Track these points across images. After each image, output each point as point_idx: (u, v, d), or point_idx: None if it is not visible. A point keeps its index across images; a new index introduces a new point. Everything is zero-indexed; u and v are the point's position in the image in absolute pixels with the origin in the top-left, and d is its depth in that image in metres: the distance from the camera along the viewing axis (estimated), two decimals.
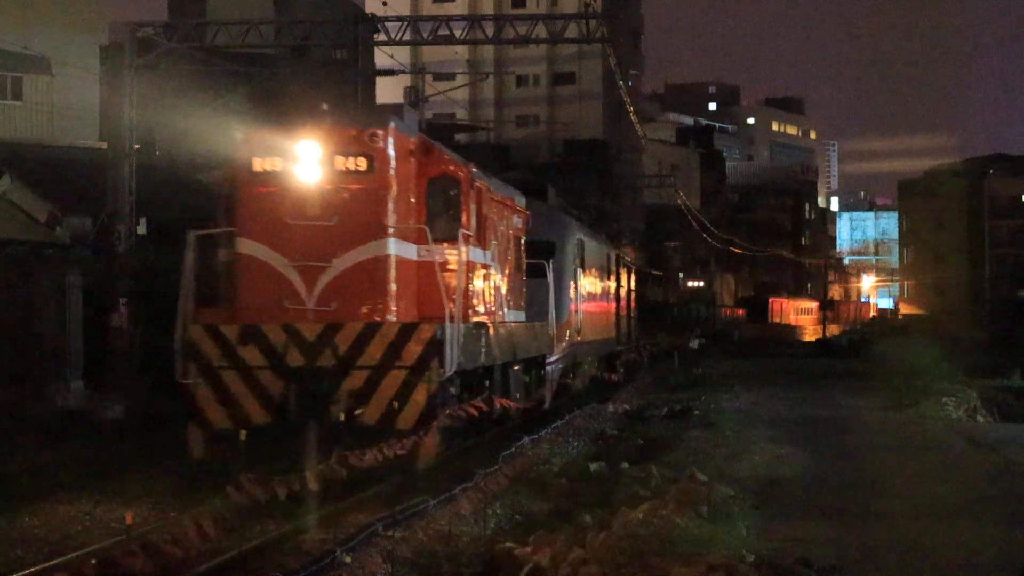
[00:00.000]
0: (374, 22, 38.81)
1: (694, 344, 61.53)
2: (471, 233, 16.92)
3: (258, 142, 15.86)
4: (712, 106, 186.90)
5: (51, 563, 10.86)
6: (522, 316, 21.10)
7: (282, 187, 15.61)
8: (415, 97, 50.35)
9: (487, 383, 17.95)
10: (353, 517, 13.10)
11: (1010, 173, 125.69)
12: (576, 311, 26.81)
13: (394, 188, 15.83)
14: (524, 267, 21.62)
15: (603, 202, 71.36)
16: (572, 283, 26.41)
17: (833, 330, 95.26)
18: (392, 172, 15.82)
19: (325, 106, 16.55)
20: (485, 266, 17.98)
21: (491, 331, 17.65)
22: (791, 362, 51.40)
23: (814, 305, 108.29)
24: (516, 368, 19.89)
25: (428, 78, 59.95)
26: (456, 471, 15.87)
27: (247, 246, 15.69)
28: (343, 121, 16.08)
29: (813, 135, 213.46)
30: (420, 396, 14.78)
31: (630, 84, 77.89)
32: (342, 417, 14.72)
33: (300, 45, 36.09)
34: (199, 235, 16.20)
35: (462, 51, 73.75)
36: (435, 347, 14.91)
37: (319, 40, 37.66)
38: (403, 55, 57.99)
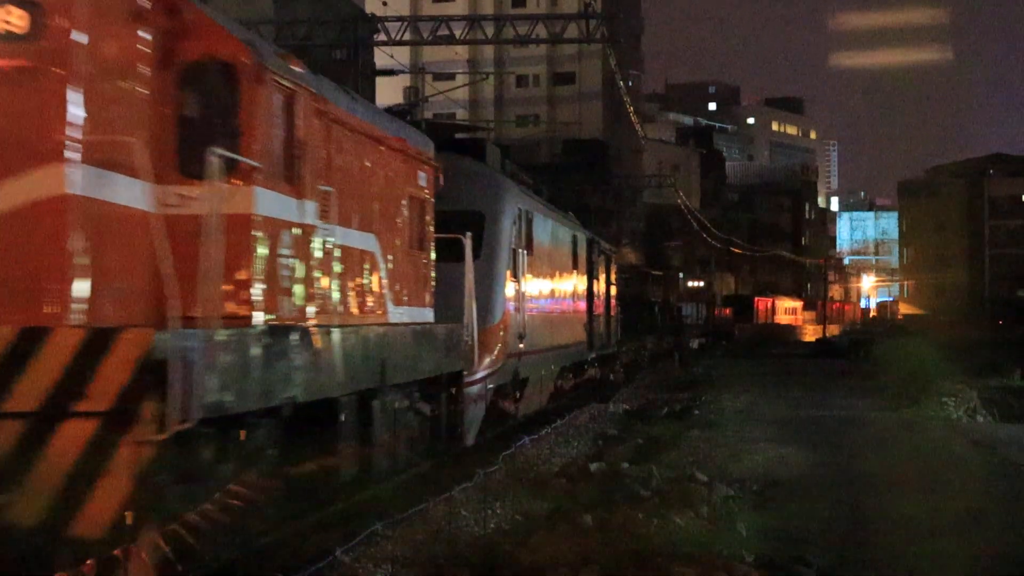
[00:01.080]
0: (374, 22, 38.96)
1: (694, 344, 61.64)
2: (259, 165, 9.66)
3: None
4: (712, 106, 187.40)
5: None
6: (429, 315, 15.14)
7: None
8: (415, 97, 50.36)
9: (335, 428, 11.28)
10: None
11: (1010, 173, 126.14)
12: (518, 309, 20.17)
13: (86, 69, 8.48)
14: (431, 246, 15.40)
15: (603, 202, 71.41)
16: (510, 271, 19.76)
17: (833, 330, 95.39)
18: (83, 40, 8.46)
19: None
20: (306, 228, 10.82)
21: (317, 340, 10.56)
22: (791, 362, 51.40)
23: (799, 304, 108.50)
24: (390, 399, 13.03)
25: (428, 78, 60.04)
26: None
27: None
28: None
29: (813, 135, 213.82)
30: (121, 472, 7.59)
31: (630, 84, 77.91)
32: None
33: (300, 45, 36.09)
34: None
35: (462, 51, 73.80)
36: (152, 374, 7.68)
37: (319, 40, 37.74)
38: (403, 55, 58.03)
